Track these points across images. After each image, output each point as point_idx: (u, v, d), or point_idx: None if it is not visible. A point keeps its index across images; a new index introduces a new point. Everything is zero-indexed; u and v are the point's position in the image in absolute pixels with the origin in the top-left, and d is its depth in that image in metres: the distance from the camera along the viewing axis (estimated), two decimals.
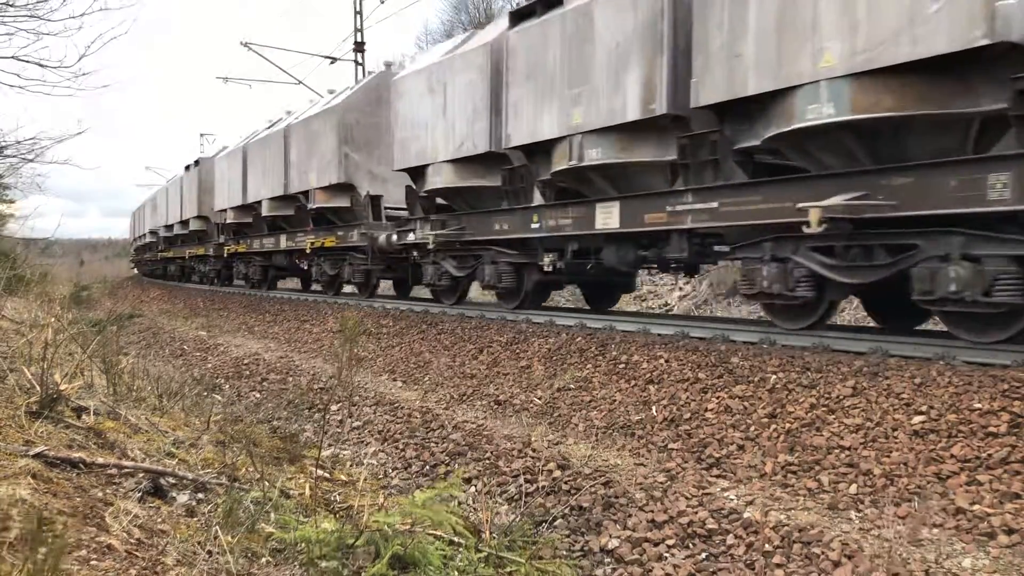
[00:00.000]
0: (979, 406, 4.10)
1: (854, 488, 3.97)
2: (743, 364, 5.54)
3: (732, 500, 4.16)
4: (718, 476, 4.53)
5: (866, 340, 5.60)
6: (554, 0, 8.17)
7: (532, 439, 5.51)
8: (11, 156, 11.60)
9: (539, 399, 6.39)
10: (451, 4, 33.43)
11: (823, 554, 3.50)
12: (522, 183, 8.87)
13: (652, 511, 4.21)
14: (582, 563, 3.97)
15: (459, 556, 3.49)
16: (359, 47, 24.66)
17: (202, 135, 57.59)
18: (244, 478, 4.11)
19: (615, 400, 5.86)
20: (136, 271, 40.53)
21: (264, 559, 3.15)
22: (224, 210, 19.69)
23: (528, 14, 8.61)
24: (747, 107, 6.10)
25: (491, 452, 5.51)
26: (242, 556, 3.06)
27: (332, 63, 26.60)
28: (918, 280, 5.15)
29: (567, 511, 4.47)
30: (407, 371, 8.35)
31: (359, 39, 24.67)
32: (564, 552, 4.07)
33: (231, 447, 4.74)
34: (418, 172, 10.83)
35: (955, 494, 3.66)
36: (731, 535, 3.87)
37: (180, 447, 4.54)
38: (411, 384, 7.94)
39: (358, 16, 24.61)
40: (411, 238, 11.11)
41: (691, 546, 3.90)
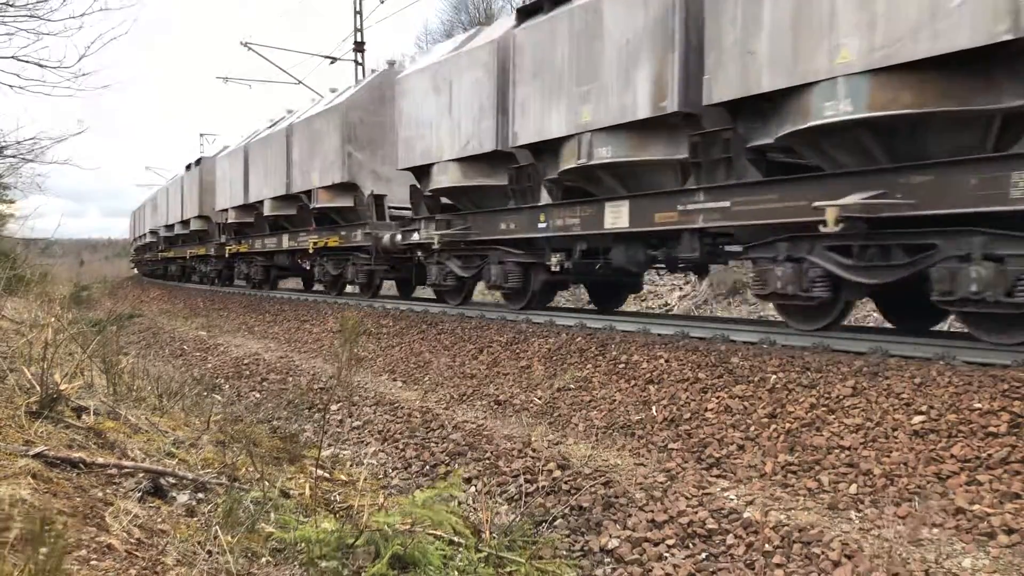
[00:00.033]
0: (979, 406, 4.10)
1: (854, 488, 3.97)
2: (743, 364, 5.54)
3: (732, 500, 4.16)
4: (718, 476, 4.53)
5: (866, 340, 5.59)
6: None
7: (532, 439, 5.51)
8: (11, 156, 11.62)
9: (539, 399, 6.39)
10: (451, 4, 33.44)
11: (823, 554, 3.50)
12: (529, 182, 8.79)
13: (652, 511, 4.21)
14: (582, 563, 3.97)
15: (459, 556, 3.49)
16: (359, 47, 24.66)
17: (202, 135, 57.69)
18: (244, 478, 4.11)
19: (615, 400, 5.86)
20: (136, 271, 40.52)
21: (264, 559, 3.15)
22: (225, 210, 19.61)
23: (535, 11, 8.48)
24: (760, 104, 6.04)
25: (491, 452, 5.51)
26: (242, 556, 3.06)
27: (332, 63, 26.61)
28: (938, 280, 5.06)
29: (567, 511, 4.47)
30: (407, 371, 8.35)
31: (359, 39, 24.68)
32: (564, 552, 4.08)
33: (231, 447, 4.74)
34: (423, 171, 10.72)
35: (955, 494, 3.66)
36: (731, 535, 3.87)
37: (180, 447, 4.54)
38: (411, 384, 7.94)
39: (358, 16, 24.61)
40: (415, 238, 11.00)
41: (691, 546, 3.90)
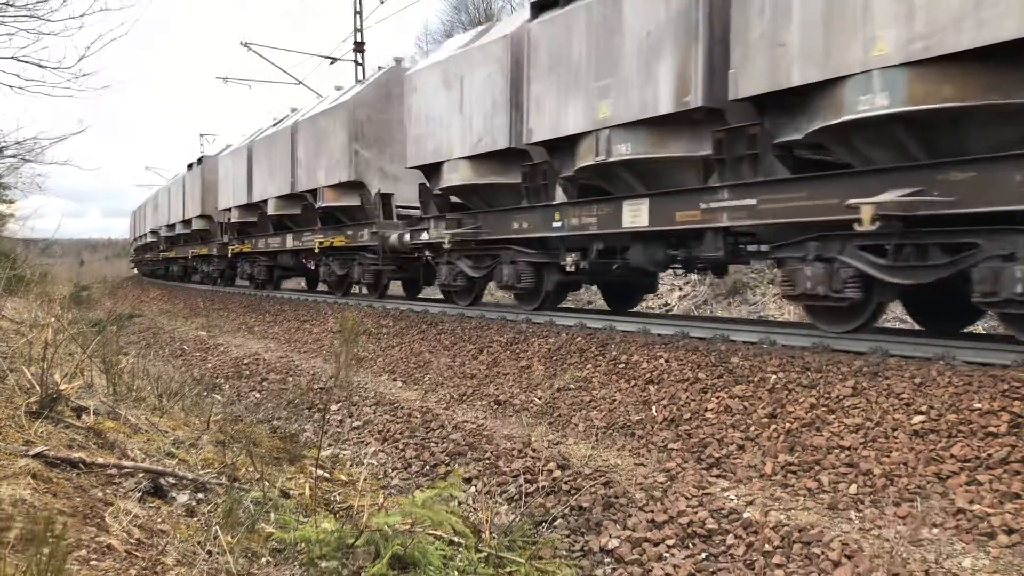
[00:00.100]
0: (979, 406, 4.10)
1: (854, 488, 3.97)
2: (743, 364, 5.54)
3: (732, 500, 4.16)
4: (718, 476, 4.53)
5: (866, 340, 5.59)
6: None
7: (532, 439, 5.51)
8: (11, 156, 11.63)
9: (539, 399, 6.39)
10: (451, 4, 33.43)
11: (823, 554, 3.50)
12: (543, 180, 8.59)
13: (652, 511, 4.21)
14: (582, 563, 3.97)
15: (459, 556, 3.49)
16: (359, 47, 24.64)
17: (202, 135, 57.65)
18: (244, 478, 4.11)
19: (615, 400, 5.86)
20: (136, 271, 40.52)
21: (264, 559, 3.15)
22: (228, 209, 19.50)
23: (551, 4, 8.27)
24: (788, 99, 5.84)
25: (491, 452, 5.51)
26: (242, 556, 3.06)
27: (332, 63, 26.61)
28: (979, 281, 4.86)
29: (567, 511, 4.47)
30: (407, 371, 8.35)
31: (359, 39, 24.66)
32: (564, 552, 4.08)
33: (231, 447, 4.74)
34: (432, 169, 10.55)
35: (955, 494, 3.66)
36: (731, 535, 3.87)
37: (180, 447, 4.54)
38: (411, 384, 7.94)
39: (358, 16, 24.60)
40: (425, 237, 10.84)
41: (691, 546, 3.90)
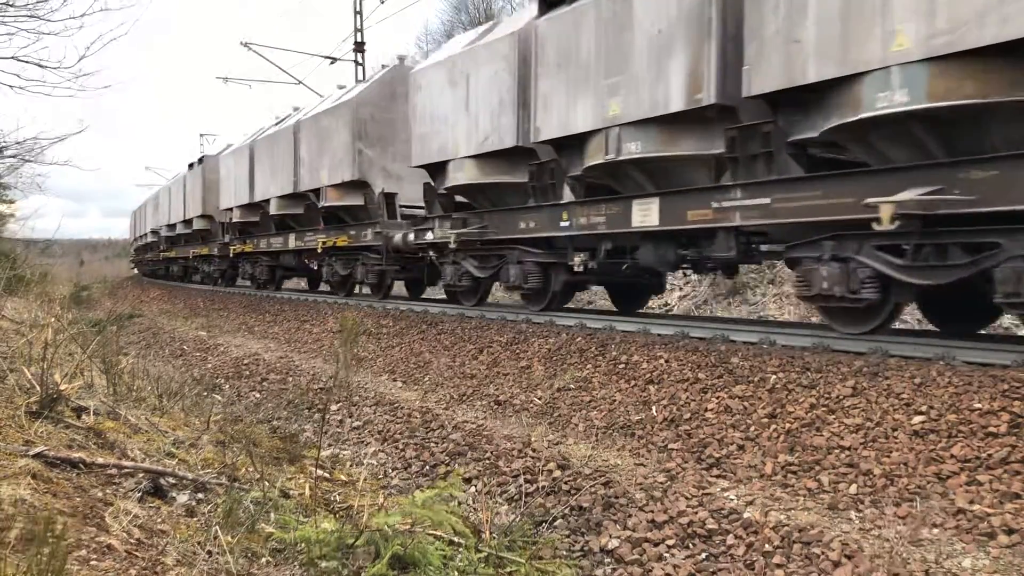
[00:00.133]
0: (979, 406, 4.10)
1: (854, 488, 3.97)
2: (743, 364, 5.54)
3: (732, 500, 4.16)
4: (718, 476, 4.53)
5: (866, 340, 5.59)
6: None
7: (532, 439, 5.51)
8: (11, 156, 11.64)
9: (539, 399, 6.39)
10: (451, 4, 33.43)
11: (823, 554, 3.50)
12: (551, 179, 8.47)
13: (652, 511, 4.21)
14: (582, 563, 3.97)
15: (459, 556, 3.49)
16: (359, 47, 24.65)
17: (202, 135, 57.66)
18: (244, 478, 4.11)
19: (615, 400, 5.86)
20: (136, 271, 40.52)
21: (264, 559, 3.15)
22: (230, 209, 19.38)
23: (559, 1, 8.13)
24: (803, 96, 5.73)
25: (491, 452, 5.51)
26: (242, 556, 3.06)
27: (332, 63, 26.60)
28: (1002, 281, 4.75)
29: (567, 511, 4.47)
30: (407, 371, 8.35)
31: (359, 39, 24.67)
32: (564, 552, 4.08)
33: (231, 447, 4.74)
34: (437, 168, 10.43)
35: (955, 494, 3.66)
36: (731, 535, 3.87)
37: (180, 447, 4.54)
38: (411, 384, 7.94)
39: (358, 16, 24.61)
40: (429, 237, 10.73)
41: (691, 546, 3.90)
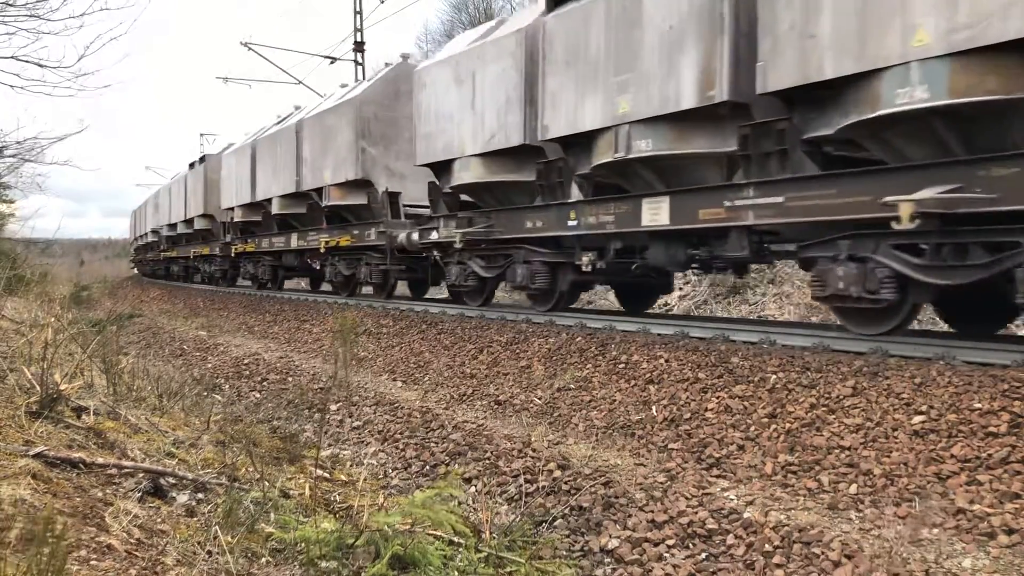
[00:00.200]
0: (979, 406, 4.10)
1: (854, 488, 3.97)
2: (743, 364, 5.54)
3: (732, 500, 4.16)
4: (718, 476, 4.53)
5: (866, 340, 5.60)
6: None
7: (532, 439, 5.51)
8: (11, 156, 11.64)
9: (539, 399, 6.39)
10: (451, 4, 33.38)
11: (823, 554, 3.50)
12: (558, 178, 8.38)
13: (652, 511, 4.21)
14: (582, 563, 3.97)
15: (459, 556, 3.49)
16: (359, 47, 24.67)
17: (202, 135, 57.68)
18: (244, 478, 4.11)
19: (615, 400, 5.86)
20: (136, 271, 40.50)
21: (264, 559, 3.15)
22: (231, 208, 19.26)
23: None
24: (818, 93, 5.62)
25: (491, 452, 5.51)
26: (242, 556, 3.06)
27: (332, 63, 26.63)
28: None
29: (567, 511, 4.47)
30: (407, 371, 8.35)
31: (359, 39, 24.70)
32: (564, 552, 4.08)
33: (231, 447, 4.74)
34: (443, 167, 10.33)
35: (955, 494, 3.66)
36: (731, 535, 3.87)
37: (180, 447, 4.54)
38: (411, 384, 7.94)
39: (358, 16, 24.63)
40: (434, 236, 10.60)
41: (691, 546, 3.90)
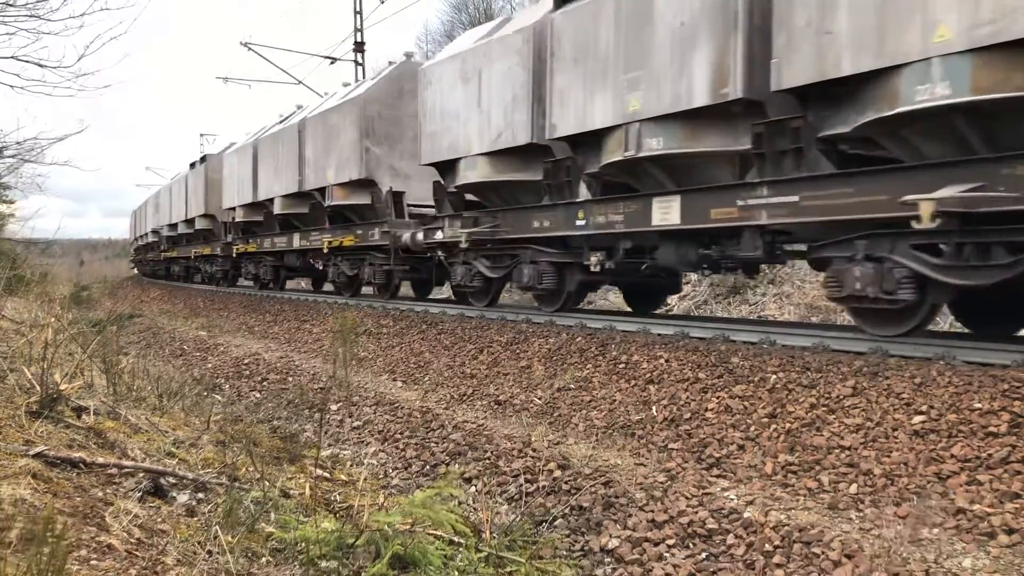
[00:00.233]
0: (979, 406, 4.10)
1: (854, 488, 3.97)
2: (743, 364, 5.54)
3: (732, 500, 4.16)
4: (718, 476, 4.53)
5: (866, 340, 5.60)
6: None
7: (532, 439, 5.51)
8: (11, 156, 11.64)
9: (539, 399, 6.39)
10: (451, 4, 33.43)
11: (823, 554, 3.50)
12: (566, 177, 8.29)
13: (652, 511, 4.21)
14: (582, 563, 3.97)
15: (459, 556, 3.49)
16: (359, 47, 24.69)
17: (202, 135, 57.72)
18: (244, 478, 4.11)
19: (615, 400, 5.86)
20: (136, 271, 40.50)
21: (264, 559, 3.15)
22: (233, 208, 19.17)
23: None
24: (834, 90, 5.54)
25: (491, 452, 5.51)
26: (242, 556, 3.06)
27: (332, 63, 26.63)
28: None
29: (567, 511, 4.47)
30: (407, 371, 8.35)
31: (359, 39, 24.71)
32: (564, 552, 4.08)
33: (231, 447, 4.74)
34: (448, 167, 10.24)
35: (955, 494, 3.66)
36: (731, 535, 3.87)
37: (180, 447, 4.54)
38: (411, 384, 7.94)
39: (358, 16, 24.64)
40: (439, 236, 10.50)
41: (691, 546, 3.90)
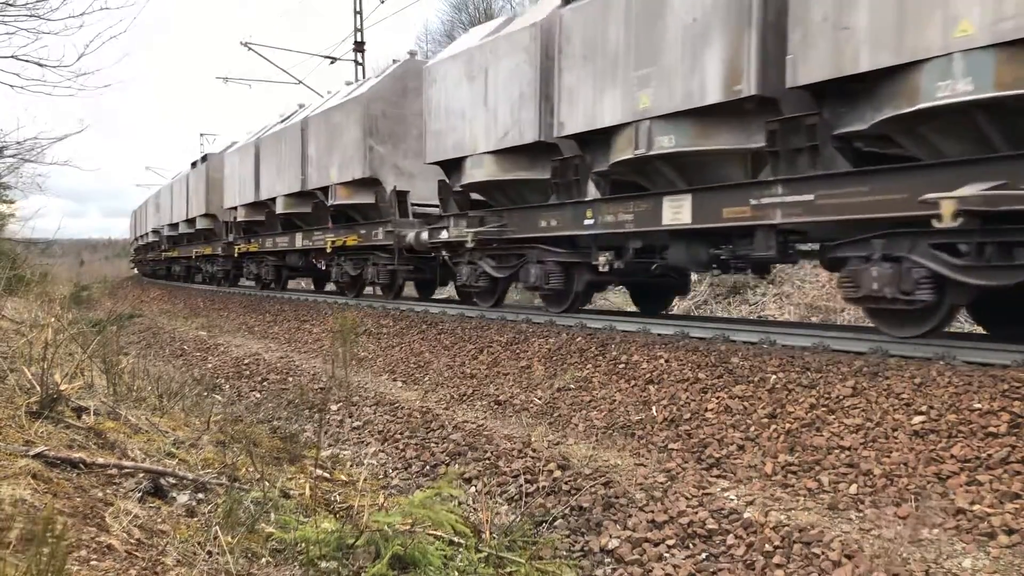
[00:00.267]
0: (979, 406, 4.10)
1: (854, 488, 3.97)
2: (743, 364, 5.54)
3: (732, 500, 4.16)
4: (718, 476, 4.53)
5: (866, 340, 5.60)
6: None
7: (532, 439, 5.51)
8: (11, 156, 11.64)
9: (539, 399, 6.39)
10: (451, 4, 33.44)
11: (823, 554, 3.50)
12: (574, 175, 8.17)
13: (652, 511, 4.21)
14: (582, 563, 3.98)
15: (459, 556, 3.49)
16: (359, 47, 24.69)
17: (202, 135, 57.73)
18: (244, 478, 4.11)
19: (615, 400, 5.86)
20: (136, 271, 40.48)
21: (264, 559, 3.15)
22: (235, 208, 19.07)
23: None
24: (851, 87, 5.45)
25: (491, 452, 5.51)
26: (242, 556, 3.06)
27: (332, 63, 26.65)
28: None
29: (567, 511, 4.47)
30: (407, 371, 8.35)
31: (359, 39, 24.71)
32: (564, 552, 4.08)
33: (231, 447, 4.74)
34: (453, 165, 10.12)
35: (955, 494, 3.66)
36: (731, 535, 3.87)
37: (180, 447, 4.54)
38: (411, 384, 7.94)
39: (358, 16, 24.64)
40: (444, 236, 10.37)
41: (691, 546, 3.90)
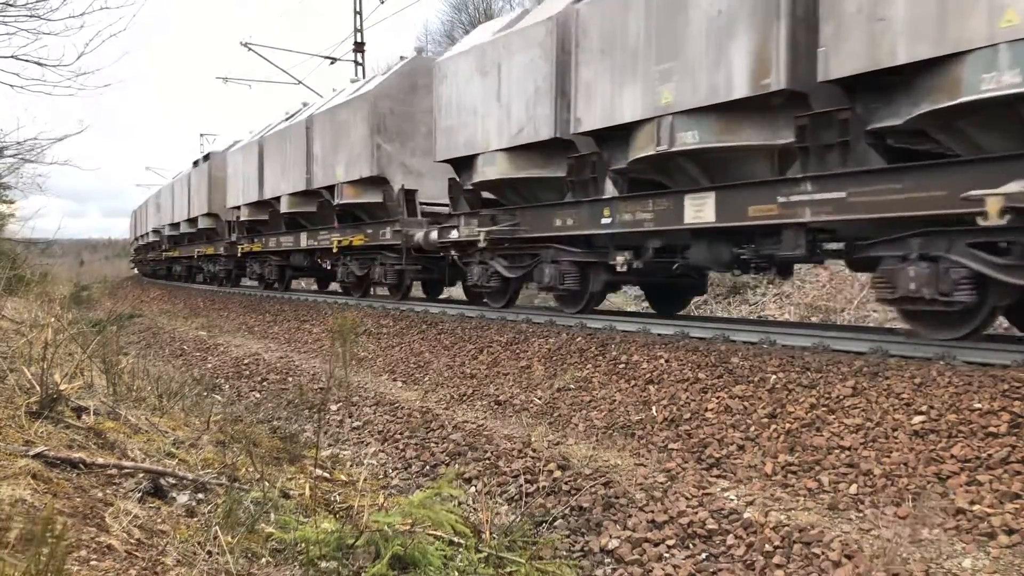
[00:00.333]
0: (979, 406, 4.11)
1: (854, 488, 3.97)
2: (743, 364, 5.54)
3: (732, 500, 4.16)
4: (718, 476, 4.54)
5: (866, 340, 5.60)
6: None
7: (532, 439, 5.51)
8: (11, 156, 11.65)
9: (539, 399, 6.39)
10: (451, 4, 33.46)
11: (823, 554, 3.50)
12: (591, 173, 7.95)
13: (652, 511, 4.21)
14: (582, 563, 3.98)
15: (459, 556, 3.49)
16: (359, 47, 24.70)
17: (202, 135, 57.73)
18: (244, 478, 4.11)
19: (615, 400, 5.86)
20: (136, 271, 40.47)
21: (264, 559, 3.15)
22: (237, 207, 18.91)
23: None
24: (885, 80, 5.28)
25: (491, 452, 5.51)
26: (242, 556, 3.06)
27: (332, 63, 26.61)
28: None
29: (567, 511, 4.47)
30: (407, 371, 8.35)
31: (359, 39, 24.71)
32: (564, 552, 4.08)
33: (231, 447, 4.74)
34: (464, 163, 9.91)
35: (955, 494, 3.66)
36: (731, 535, 3.87)
37: (180, 447, 4.54)
38: (411, 384, 7.94)
39: (358, 16, 24.65)
40: (455, 235, 10.15)
41: (691, 546, 3.90)
